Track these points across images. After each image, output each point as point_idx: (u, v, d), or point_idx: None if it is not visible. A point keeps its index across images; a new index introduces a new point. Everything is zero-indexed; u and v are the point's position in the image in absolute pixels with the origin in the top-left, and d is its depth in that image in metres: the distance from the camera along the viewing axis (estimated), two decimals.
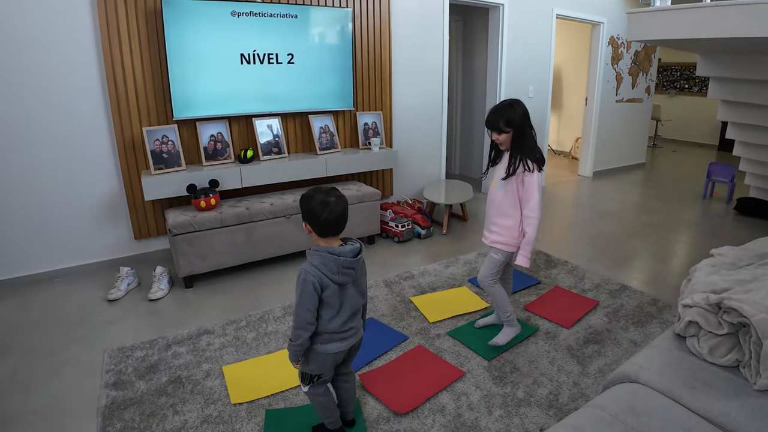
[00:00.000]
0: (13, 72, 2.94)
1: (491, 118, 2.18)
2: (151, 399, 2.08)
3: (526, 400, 2.07)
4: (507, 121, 2.14)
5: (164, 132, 3.31)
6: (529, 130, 2.16)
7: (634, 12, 3.47)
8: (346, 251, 1.53)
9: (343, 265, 1.52)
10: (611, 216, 4.85)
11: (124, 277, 3.13)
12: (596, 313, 2.82)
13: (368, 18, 4.12)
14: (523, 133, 2.15)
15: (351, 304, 1.61)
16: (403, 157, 4.66)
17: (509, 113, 2.14)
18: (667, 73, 9.82)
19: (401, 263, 3.62)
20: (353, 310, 1.63)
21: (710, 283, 1.73)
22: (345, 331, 1.62)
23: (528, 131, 2.16)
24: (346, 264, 1.52)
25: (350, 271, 1.55)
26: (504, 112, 2.14)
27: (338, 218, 1.53)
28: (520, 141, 2.16)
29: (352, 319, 1.64)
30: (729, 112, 4.38)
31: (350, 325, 1.63)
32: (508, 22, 5.15)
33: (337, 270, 1.51)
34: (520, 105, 2.17)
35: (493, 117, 2.17)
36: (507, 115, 2.14)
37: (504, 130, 2.16)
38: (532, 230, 2.22)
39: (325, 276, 1.51)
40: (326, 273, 1.51)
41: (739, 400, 1.36)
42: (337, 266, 1.51)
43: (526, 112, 2.17)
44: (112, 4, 3.08)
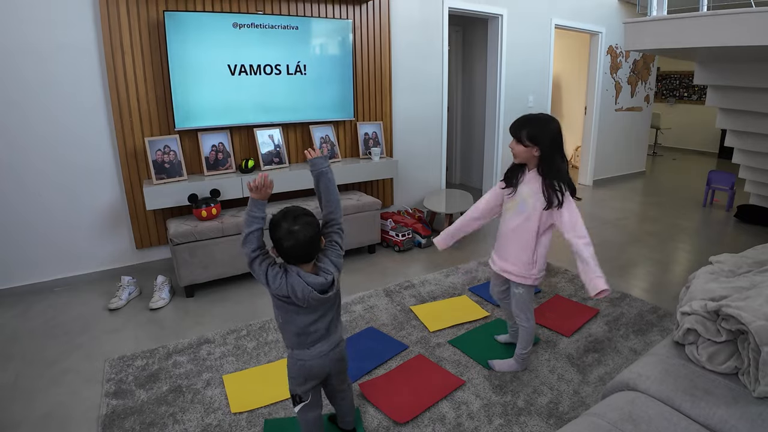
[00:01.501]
0: (16, 82, 2.98)
1: (516, 124, 2.00)
2: (152, 408, 2.08)
3: (526, 409, 2.06)
4: (531, 136, 1.95)
5: (166, 142, 3.33)
6: (559, 154, 1.97)
7: (631, 22, 3.50)
8: (317, 284, 1.45)
9: (309, 295, 1.44)
10: (611, 224, 4.85)
11: (126, 286, 3.14)
12: (596, 321, 2.82)
13: (368, 29, 4.16)
14: (552, 157, 1.96)
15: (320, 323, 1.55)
16: (403, 167, 4.68)
17: (537, 128, 1.94)
18: (666, 81, 9.87)
19: (401, 272, 3.62)
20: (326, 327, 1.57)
21: (709, 291, 1.73)
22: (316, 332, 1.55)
23: (557, 155, 1.96)
24: (313, 296, 1.44)
25: (315, 303, 1.47)
26: (532, 125, 1.96)
27: (304, 248, 1.44)
28: (550, 164, 1.96)
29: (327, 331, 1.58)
30: (727, 119, 4.41)
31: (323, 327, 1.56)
32: (507, 33, 5.20)
33: (302, 295, 1.44)
34: (553, 122, 1.98)
35: (517, 124, 1.99)
36: (535, 130, 1.94)
37: (523, 143, 1.97)
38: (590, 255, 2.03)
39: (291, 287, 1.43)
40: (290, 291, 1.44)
41: (738, 407, 1.36)
42: (303, 293, 1.44)
43: (558, 130, 1.97)
44: (115, 15, 3.12)
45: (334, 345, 1.62)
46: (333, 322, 1.61)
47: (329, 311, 1.58)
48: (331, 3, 3.92)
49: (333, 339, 1.62)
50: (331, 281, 1.49)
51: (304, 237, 1.43)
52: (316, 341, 1.57)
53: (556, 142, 1.96)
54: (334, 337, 1.62)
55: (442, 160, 5.07)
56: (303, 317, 1.52)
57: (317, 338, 1.57)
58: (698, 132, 9.47)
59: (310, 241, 1.44)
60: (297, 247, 1.43)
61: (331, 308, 1.59)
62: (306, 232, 1.43)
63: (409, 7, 4.42)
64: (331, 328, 1.61)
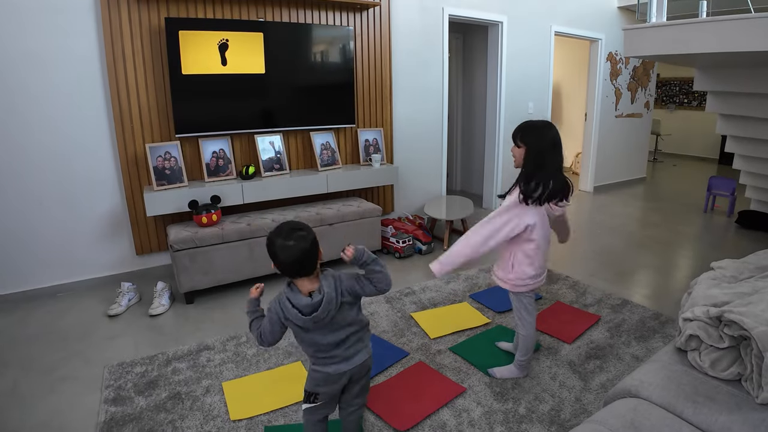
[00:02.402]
0: (18, 89, 3.00)
1: (516, 129, 2.06)
2: (150, 415, 2.07)
3: (527, 417, 2.05)
4: (524, 139, 2.01)
5: (167, 148, 3.34)
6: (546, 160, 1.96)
7: (631, 28, 3.51)
8: (303, 305, 1.46)
9: (299, 318, 1.46)
10: (612, 230, 4.84)
11: (125, 292, 3.13)
12: (598, 328, 2.80)
13: (369, 36, 4.18)
14: (534, 161, 1.97)
15: (327, 338, 1.53)
16: (403, 174, 4.68)
17: (531, 132, 2.00)
18: (666, 87, 9.89)
19: (402, 279, 3.61)
20: (332, 343, 1.54)
21: (710, 297, 1.73)
22: (326, 357, 1.56)
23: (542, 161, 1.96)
24: (302, 318, 1.46)
25: (310, 324, 1.48)
26: (528, 130, 2.01)
27: (298, 260, 1.45)
28: (532, 163, 1.98)
29: (336, 348, 1.55)
30: (727, 125, 4.41)
31: (333, 354, 1.55)
32: (507, 40, 5.22)
33: (294, 320, 1.48)
34: (549, 129, 2.00)
35: (516, 129, 2.06)
36: (528, 134, 2.00)
37: (517, 144, 2.04)
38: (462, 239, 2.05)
39: (285, 317, 1.50)
40: (289, 317, 1.49)
41: (741, 413, 1.35)
42: (294, 317, 1.47)
43: (549, 138, 1.97)
44: (117, 22, 3.14)
45: (356, 365, 1.59)
46: (350, 341, 1.57)
47: (341, 329, 1.55)
48: (332, 10, 3.94)
49: (354, 360, 1.59)
50: (318, 301, 1.46)
51: (299, 251, 1.44)
52: (334, 361, 1.57)
53: (546, 145, 1.98)
54: (355, 359, 1.59)
55: (442, 166, 5.07)
56: (312, 335, 1.53)
57: (334, 357, 1.56)
58: (698, 138, 9.48)
59: (305, 255, 1.46)
60: (292, 261, 1.45)
61: (344, 327, 1.55)
62: (300, 246, 1.45)
63: (410, 15, 4.44)
64: (350, 348, 1.58)
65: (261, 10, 3.63)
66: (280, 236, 1.46)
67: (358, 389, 1.69)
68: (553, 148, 1.98)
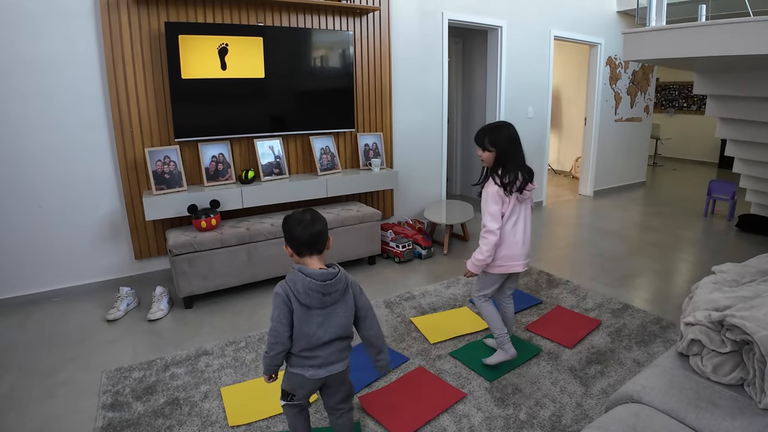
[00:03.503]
0: (17, 92, 2.99)
1: (479, 134, 2.24)
2: (148, 421, 2.05)
3: (528, 422, 2.03)
4: (491, 141, 2.19)
5: (166, 153, 3.33)
6: (514, 154, 2.19)
7: (630, 32, 3.52)
8: (317, 273, 1.50)
9: (309, 287, 1.48)
10: (613, 235, 4.84)
11: (124, 297, 3.12)
12: (599, 332, 2.79)
13: (368, 41, 4.18)
14: (505, 156, 2.18)
15: (323, 332, 1.53)
16: (403, 178, 4.68)
17: (495, 134, 2.20)
18: (665, 92, 9.91)
19: (402, 284, 3.60)
20: (330, 338, 1.55)
21: (712, 301, 1.72)
22: (308, 357, 1.55)
23: (511, 155, 2.18)
24: (312, 286, 1.48)
25: (317, 295, 1.49)
26: (491, 132, 2.21)
27: (312, 236, 1.53)
28: (498, 161, 2.21)
29: (321, 348, 1.55)
30: (727, 129, 4.41)
31: (316, 354, 1.55)
32: (507, 44, 5.23)
33: (303, 290, 1.48)
34: (508, 129, 2.21)
35: (480, 134, 2.24)
36: (493, 135, 2.20)
37: (488, 149, 2.21)
38: (480, 242, 2.23)
39: (292, 293, 1.49)
40: (293, 290, 1.49)
41: (744, 419, 1.34)
42: (304, 286, 1.48)
43: (513, 136, 2.20)
44: (117, 26, 3.14)
45: (332, 374, 1.59)
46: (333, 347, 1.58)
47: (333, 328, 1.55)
48: (332, 15, 3.95)
49: (332, 368, 1.59)
50: (335, 273, 1.53)
51: (314, 226, 1.54)
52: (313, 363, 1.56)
53: (512, 143, 2.20)
54: (333, 367, 1.59)
55: (442, 170, 5.07)
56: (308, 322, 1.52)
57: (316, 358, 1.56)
58: (698, 142, 9.49)
59: (319, 234, 1.55)
60: (309, 236, 1.53)
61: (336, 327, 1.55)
62: (316, 223, 1.55)
63: (409, 19, 4.45)
64: (332, 354, 1.58)
65: (261, 14, 3.63)
66: (297, 213, 1.57)
67: (340, 397, 1.69)
68: (516, 145, 2.21)
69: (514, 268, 2.30)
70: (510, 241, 2.26)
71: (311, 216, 1.56)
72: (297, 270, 1.51)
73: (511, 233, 2.25)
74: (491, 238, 2.20)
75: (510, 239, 2.26)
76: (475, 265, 2.26)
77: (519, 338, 2.72)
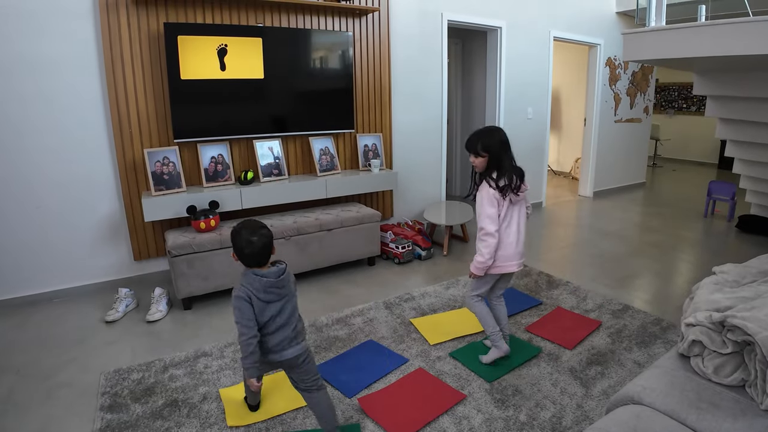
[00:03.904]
0: (16, 93, 2.99)
1: (470, 141, 2.28)
2: (147, 422, 2.04)
3: (528, 424, 2.02)
4: (484, 146, 2.23)
5: (165, 153, 3.33)
6: (506, 157, 2.23)
7: (630, 32, 3.52)
8: (271, 272, 1.71)
9: (266, 285, 1.68)
10: (613, 236, 4.83)
11: (123, 298, 3.11)
12: (599, 333, 2.78)
13: (368, 41, 4.18)
14: (498, 159, 2.22)
15: (279, 319, 1.73)
16: (403, 179, 4.67)
17: (487, 139, 2.23)
18: (664, 93, 9.91)
19: (401, 285, 3.59)
20: (281, 324, 1.74)
21: (713, 302, 1.71)
22: (267, 342, 1.75)
23: (503, 158, 2.22)
24: (269, 284, 1.69)
25: (275, 290, 1.70)
26: (483, 138, 2.24)
27: (259, 253, 1.70)
28: (491, 165, 2.24)
29: (280, 333, 1.74)
30: (727, 130, 4.41)
31: (279, 338, 1.74)
32: (507, 45, 5.23)
33: (262, 289, 1.68)
34: (499, 133, 2.25)
35: (472, 141, 2.27)
36: (485, 141, 2.23)
37: (480, 154, 2.24)
38: (478, 244, 2.26)
39: (253, 293, 1.68)
40: (253, 291, 1.68)
41: (745, 420, 1.33)
42: (262, 285, 1.68)
43: (503, 139, 2.24)
44: (116, 27, 3.14)
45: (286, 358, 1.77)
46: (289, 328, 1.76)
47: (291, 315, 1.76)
48: (331, 16, 3.95)
49: (285, 354, 1.76)
50: (284, 268, 1.76)
51: (260, 244, 1.71)
52: (268, 351, 1.75)
53: (503, 147, 2.24)
54: (287, 352, 1.76)
55: (442, 171, 5.06)
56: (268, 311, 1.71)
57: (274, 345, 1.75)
58: (698, 143, 9.49)
59: (264, 248, 1.72)
60: (254, 254, 1.71)
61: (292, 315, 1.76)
62: (260, 242, 1.71)
63: (409, 20, 4.45)
64: (286, 339, 1.75)
65: (260, 15, 3.63)
66: (246, 231, 1.72)
67: (302, 372, 1.83)
68: (507, 147, 2.25)
69: (509, 268, 2.33)
70: (504, 241, 2.28)
71: (257, 237, 1.70)
72: (252, 273, 1.70)
73: (505, 234, 2.29)
74: (490, 240, 2.22)
75: (504, 240, 2.28)
76: (478, 269, 2.28)
77: (519, 339, 2.71)
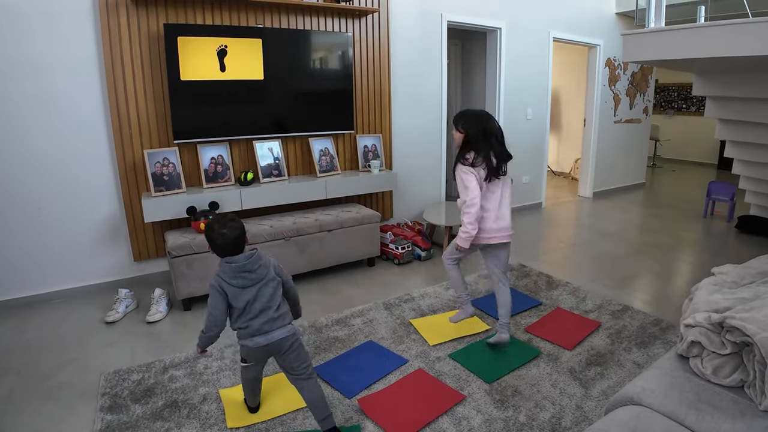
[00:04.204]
0: (16, 94, 2.99)
1: (456, 116, 2.46)
2: (147, 423, 2.05)
3: (528, 424, 2.02)
4: (462, 124, 2.41)
5: (165, 154, 3.33)
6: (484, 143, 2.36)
7: (630, 33, 3.52)
8: (239, 258, 1.79)
9: (236, 270, 1.77)
10: (612, 236, 4.83)
11: (123, 299, 3.11)
12: (598, 334, 2.78)
13: (368, 42, 4.18)
14: (474, 143, 2.37)
15: (257, 303, 1.80)
16: (402, 180, 4.67)
17: (465, 119, 2.41)
18: (664, 93, 9.92)
19: (401, 285, 3.59)
20: (261, 308, 1.80)
21: (712, 302, 1.71)
22: (245, 328, 1.82)
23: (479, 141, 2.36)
24: (238, 269, 1.77)
25: (245, 274, 1.78)
26: (465, 117, 2.42)
27: (231, 245, 1.79)
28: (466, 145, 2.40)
29: (261, 316, 1.81)
30: (726, 130, 4.41)
31: (250, 324, 1.81)
32: (506, 46, 5.23)
33: (232, 275, 1.77)
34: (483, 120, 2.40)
35: (458, 117, 2.45)
36: (465, 120, 2.41)
37: (459, 131, 2.42)
38: (463, 217, 2.42)
39: (224, 281, 1.77)
40: (225, 279, 1.77)
41: (744, 421, 1.33)
42: (232, 271, 1.77)
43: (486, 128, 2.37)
44: (116, 28, 3.14)
45: (273, 341, 1.82)
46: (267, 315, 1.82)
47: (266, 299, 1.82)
48: (331, 17, 3.95)
49: (271, 336, 1.82)
50: (253, 252, 1.83)
51: (232, 236, 1.79)
52: (250, 332, 1.81)
53: (481, 128, 2.37)
54: (272, 334, 1.83)
55: (441, 172, 5.07)
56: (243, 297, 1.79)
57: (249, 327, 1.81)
58: (697, 143, 9.49)
59: (236, 240, 1.81)
60: (226, 245, 1.79)
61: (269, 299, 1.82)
62: (232, 233, 1.79)
63: (409, 21, 4.45)
64: (267, 323, 1.82)
65: (260, 16, 3.63)
66: (217, 224, 1.80)
67: (292, 359, 1.88)
68: (489, 136, 2.37)
69: (487, 240, 2.48)
70: (485, 213, 2.44)
71: (228, 229, 1.79)
72: (224, 262, 1.80)
73: (487, 204, 2.43)
74: (470, 210, 2.36)
75: (485, 212, 2.44)
76: (463, 239, 2.45)
77: (519, 340, 2.71)
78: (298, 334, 1.91)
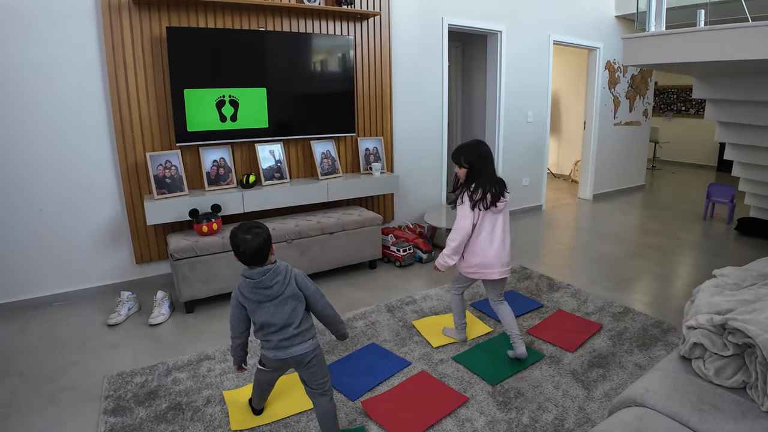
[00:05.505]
0: (19, 96, 3.00)
1: (455, 153, 2.43)
2: (150, 426, 2.05)
3: (531, 426, 2.03)
4: (466, 159, 2.38)
5: (167, 157, 3.34)
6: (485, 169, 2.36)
7: (630, 37, 3.53)
8: (254, 273, 1.74)
9: (250, 286, 1.75)
10: (612, 238, 4.84)
11: (125, 301, 3.12)
12: (600, 336, 2.79)
13: (369, 45, 4.20)
14: (477, 172, 2.37)
15: (275, 319, 1.76)
16: (404, 182, 4.69)
17: (469, 152, 2.38)
18: (663, 96, 9.94)
19: (403, 288, 3.60)
20: (279, 325, 1.77)
21: (714, 304, 1.72)
22: (266, 341, 1.81)
23: (482, 171, 2.36)
24: (252, 284, 1.74)
25: (260, 290, 1.74)
26: (465, 151, 2.39)
27: (253, 253, 1.74)
28: (475, 174, 2.37)
29: (280, 332, 1.78)
30: (726, 133, 4.42)
31: (269, 338, 1.80)
32: (506, 49, 5.25)
33: (248, 290, 1.76)
34: (479, 146, 2.40)
35: (456, 153, 2.42)
36: (467, 153, 2.38)
37: (463, 166, 2.40)
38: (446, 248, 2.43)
39: (242, 294, 1.78)
40: (243, 292, 1.78)
41: (747, 422, 1.34)
42: (247, 286, 1.76)
43: (484, 153, 2.38)
44: (119, 30, 3.15)
45: (291, 356, 1.80)
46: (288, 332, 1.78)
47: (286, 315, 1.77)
48: (332, 20, 3.97)
49: (290, 351, 1.79)
50: (269, 268, 1.76)
51: (254, 243, 1.73)
52: (271, 345, 1.80)
53: (482, 158, 2.38)
54: (291, 350, 1.79)
55: (442, 175, 5.08)
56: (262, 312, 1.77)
57: (269, 341, 1.80)
58: (697, 145, 9.51)
59: (259, 248, 1.74)
60: (249, 252, 1.74)
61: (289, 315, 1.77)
62: (255, 241, 1.74)
63: (410, 24, 4.47)
64: (287, 339, 1.78)
65: (262, 19, 3.65)
66: (240, 231, 1.76)
67: (309, 374, 1.85)
68: (487, 160, 2.39)
69: (489, 275, 2.44)
70: (486, 251, 2.41)
71: (251, 235, 1.74)
72: (242, 275, 1.78)
73: (487, 241, 2.40)
74: (453, 245, 2.39)
75: (486, 249, 2.41)
76: (441, 264, 2.46)
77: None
78: (318, 350, 1.86)
